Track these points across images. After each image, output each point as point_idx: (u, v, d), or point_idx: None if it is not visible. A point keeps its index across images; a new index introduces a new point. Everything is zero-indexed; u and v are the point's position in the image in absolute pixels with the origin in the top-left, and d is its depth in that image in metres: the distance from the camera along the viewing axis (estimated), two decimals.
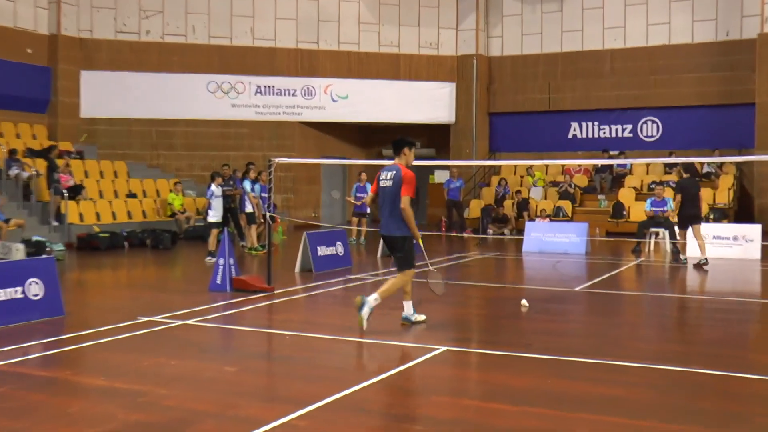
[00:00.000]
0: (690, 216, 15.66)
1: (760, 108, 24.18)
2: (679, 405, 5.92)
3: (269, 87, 26.53)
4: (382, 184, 8.71)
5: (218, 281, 11.57)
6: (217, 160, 25.38)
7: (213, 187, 16.42)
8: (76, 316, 9.55)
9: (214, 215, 16.41)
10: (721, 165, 25.06)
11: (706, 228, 18.02)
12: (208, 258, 15.91)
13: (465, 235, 23.01)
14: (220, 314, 9.91)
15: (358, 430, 5.42)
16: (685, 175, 16.97)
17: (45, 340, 8.14)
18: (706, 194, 23.87)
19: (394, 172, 8.58)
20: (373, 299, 8.43)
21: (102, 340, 8.07)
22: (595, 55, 27.29)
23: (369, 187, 20.84)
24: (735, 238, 17.30)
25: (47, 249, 16.26)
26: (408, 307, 8.86)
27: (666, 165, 25.81)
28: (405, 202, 8.40)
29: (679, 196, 15.70)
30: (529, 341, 8.29)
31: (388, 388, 6.46)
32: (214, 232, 16.29)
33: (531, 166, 27.25)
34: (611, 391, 6.30)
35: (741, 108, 25.09)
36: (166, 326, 8.87)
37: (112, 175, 23.66)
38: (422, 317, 8.98)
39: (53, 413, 5.66)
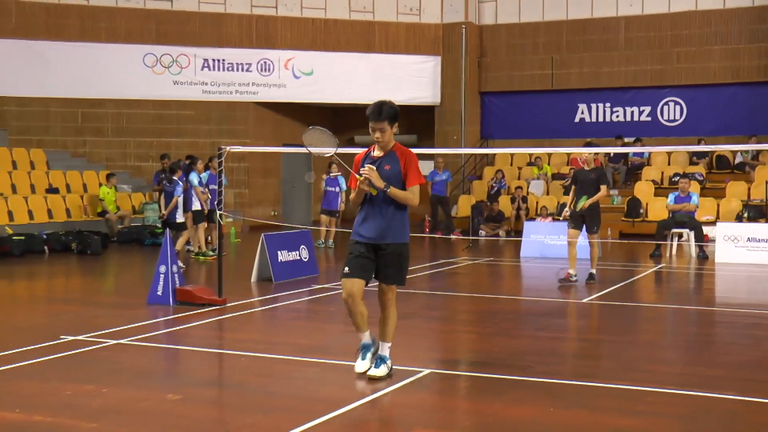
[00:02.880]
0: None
1: None
2: None
3: (218, 61, 26.46)
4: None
5: (159, 293, 11.52)
6: (155, 148, 25.36)
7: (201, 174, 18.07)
8: None
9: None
10: (757, 154, 25.30)
11: (739, 228, 18.22)
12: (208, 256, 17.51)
13: (453, 236, 23.10)
14: (160, 332, 9.87)
15: None
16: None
17: None
18: (739, 188, 24.16)
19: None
20: (386, 347, 7.58)
21: (16, 365, 8.00)
22: (606, 24, 27.46)
23: (342, 181, 20.88)
24: None
25: None
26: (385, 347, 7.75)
27: (692, 154, 26.05)
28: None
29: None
30: (528, 363, 8.32)
31: (360, 420, 6.46)
32: (201, 226, 17.84)
33: (537, 156, 27.36)
34: (627, 422, 6.34)
35: None
36: (96, 347, 8.81)
37: (27, 165, 23.49)
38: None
39: None
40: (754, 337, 9.96)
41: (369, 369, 7.39)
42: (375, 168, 7.23)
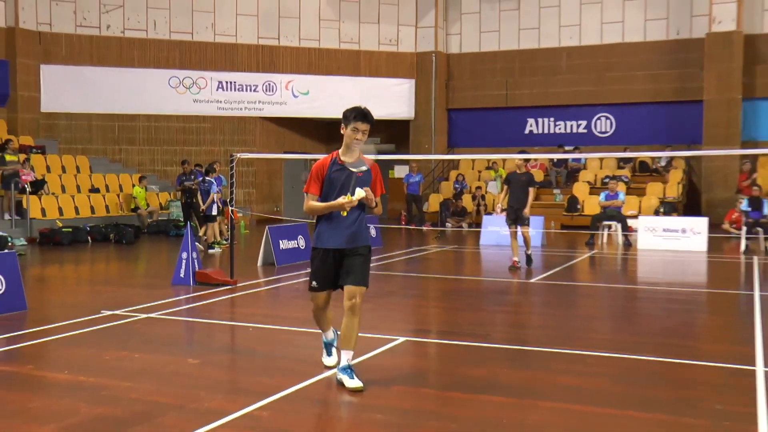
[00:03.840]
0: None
1: (708, 105, 24.64)
2: (633, 393, 6.01)
3: (231, 82, 26.35)
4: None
5: (181, 275, 11.51)
6: (178, 155, 25.28)
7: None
8: (39, 310, 9.41)
9: (215, 208, 17.24)
10: (671, 160, 25.45)
11: (657, 221, 18.36)
12: (215, 249, 16.99)
13: (424, 228, 23.10)
14: (183, 308, 9.83)
15: (320, 420, 5.43)
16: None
17: (7, 335, 8.00)
18: (657, 188, 24.30)
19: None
20: (351, 355, 6.19)
21: (65, 335, 7.96)
22: (551, 53, 27.53)
23: None
24: (683, 231, 17.60)
25: (9, 244, 15.98)
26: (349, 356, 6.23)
27: (619, 160, 26.20)
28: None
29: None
30: (487, 332, 8.34)
31: None
32: (218, 220, 17.55)
33: (494, 162, 27.47)
34: (568, 380, 6.37)
35: (691, 105, 25.53)
36: (130, 320, 8.78)
37: (74, 169, 23.34)
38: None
39: (13, 409, 5.57)
40: (669, 309, 10.02)
41: (338, 364, 6.33)
42: (359, 176, 6.16)
